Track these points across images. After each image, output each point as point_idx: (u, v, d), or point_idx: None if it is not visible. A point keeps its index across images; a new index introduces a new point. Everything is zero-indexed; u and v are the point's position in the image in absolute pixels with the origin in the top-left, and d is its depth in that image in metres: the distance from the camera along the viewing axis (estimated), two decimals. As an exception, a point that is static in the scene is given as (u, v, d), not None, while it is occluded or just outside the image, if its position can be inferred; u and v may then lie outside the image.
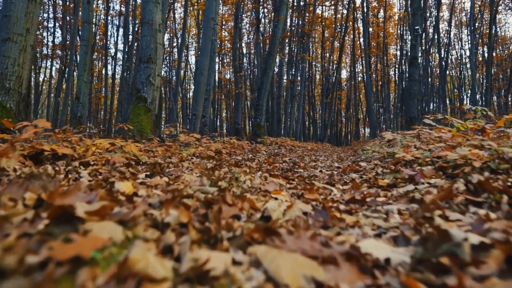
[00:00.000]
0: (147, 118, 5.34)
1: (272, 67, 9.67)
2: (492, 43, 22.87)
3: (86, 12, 8.65)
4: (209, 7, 7.77)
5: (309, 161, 5.55)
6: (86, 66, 8.86)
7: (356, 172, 2.97)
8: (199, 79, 8.05)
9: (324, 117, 26.27)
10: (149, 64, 5.33)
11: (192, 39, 33.22)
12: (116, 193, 1.14)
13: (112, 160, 2.20)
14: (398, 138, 4.44)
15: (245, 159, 4.65)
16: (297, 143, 12.28)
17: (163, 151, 3.76)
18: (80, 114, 9.03)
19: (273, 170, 3.08)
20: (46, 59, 27.16)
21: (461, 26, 33.97)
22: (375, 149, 6.30)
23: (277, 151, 7.49)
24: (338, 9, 26.85)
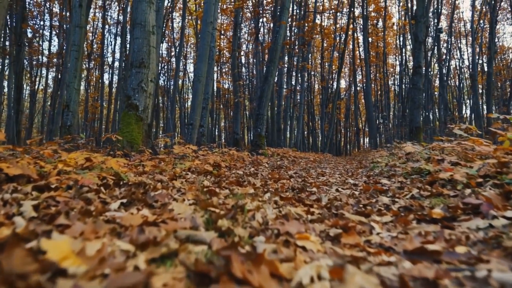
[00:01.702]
0: (139, 127, 4.86)
1: (273, 74, 9.24)
2: (493, 52, 22.66)
3: (77, 16, 8.23)
4: (207, 11, 7.36)
5: (316, 174, 5.07)
6: (77, 73, 8.40)
7: (382, 192, 2.48)
8: (197, 86, 7.60)
9: (324, 127, 25.85)
10: (141, 68, 4.87)
11: (190, 48, 32.96)
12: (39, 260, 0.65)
13: (81, 181, 1.72)
14: (417, 150, 3.97)
15: (247, 174, 4.16)
16: (298, 153, 11.80)
17: (153, 165, 3.26)
18: (70, 123, 8.53)
19: (282, 190, 2.59)
20: (41, 68, 26.72)
21: (460, 36, 33.86)
22: (384, 160, 5.82)
23: (280, 163, 7.00)
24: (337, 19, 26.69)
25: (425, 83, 25.98)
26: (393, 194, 2.30)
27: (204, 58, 7.57)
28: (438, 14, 25.27)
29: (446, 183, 2.25)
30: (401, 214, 1.59)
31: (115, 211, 1.35)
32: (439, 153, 3.78)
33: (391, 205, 1.86)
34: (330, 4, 28.15)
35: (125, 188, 1.91)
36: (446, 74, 27.37)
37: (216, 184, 2.87)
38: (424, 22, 13.13)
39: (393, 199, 2.09)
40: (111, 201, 1.53)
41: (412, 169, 3.07)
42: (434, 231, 1.25)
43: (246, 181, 3.18)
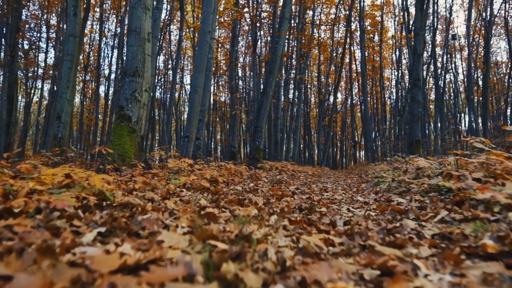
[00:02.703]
0: (131, 140, 4.57)
1: (272, 85, 9.02)
2: (488, 66, 22.75)
3: (71, 25, 8.00)
4: (205, 20, 7.16)
5: (319, 190, 4.78)
6: (70, 83, 8.14)
7: (401, 213, 2.20)
8: (194, 97, 7.35)
9: (321, 140, 25.65)
10: (135, 77, 4.61)
11: (187, 61, 32.90)
12: None
13: (53, 203, 1.43)
14: (427, 164, 3.70)
15: (246, 190, 3.87)
16: (297, 167, 11.52)
17: (144, 182, 2.97)
18: (61, 135, 8.21)
19: (288, 211, 2.30)
20: (36, 80, 26.42)
21: (454, 51, 34.11)
22: (390, 175, 5.55)
23: (279, 178, 6.72)
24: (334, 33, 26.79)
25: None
26: (416, 216, 2.02)
27: (202, 68, 7.34)
28: (434, 29, 25.45)
29: (478, 203, 1.99)
30: (441, 245, 1.30)
31: (88, 245, 1.06)
32: (453, 168, 3.52)
33: (422, 231, 1.58)
34: (327, 18, 28.30)
35: (108, 211, 1.62)
36: (442, 87, 27.43)
37: (214, 203, 2.57)
38: (422, 35, 13.10)
39: (419, 223, 1.81)
40: (86, 230, 1.24)
41: (429, 186, 2.80)
42: (499, 272, 0.97)
43: (246, 199, 2.89)
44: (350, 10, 21.64)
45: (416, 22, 12.92)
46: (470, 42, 25.58)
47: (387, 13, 30.81)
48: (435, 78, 27.15)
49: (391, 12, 31.01)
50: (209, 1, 7.21)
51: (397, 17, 30.72)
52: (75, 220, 1.31)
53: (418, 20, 12.73)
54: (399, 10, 30.34)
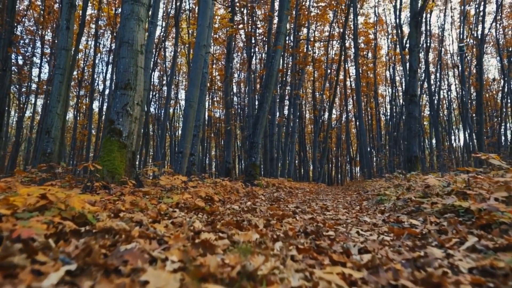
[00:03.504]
0: (121, 155, 4.32)
1: (268, 100, 8.86)
2: (482, 82, 22.96)
3: (64, 39, 7.84)
4: (200, 34, 7.03)
5: (320, 209, 4.55)
6: (61, 97, 7.91)
7: (420, 238, 1.98)
8: (188, 112, 7.14)
9: (317, 156, 25.48)
10: (126, 90, 4.39)
11: (182, 77, 32.88)
12: None
13: (16, 232, 1.18)
14: (437, 182, 3.50)
15: (244, 209, 3.62)
16: (294, 184, 11.28)
17: (133, 201, 2.71)
18: (51, 150, 7.93)
19: (293, 235, 2.06)
20: (29, 95, 26.13)
21: (447, 69, 34.52)
22: (393, 193, 5.34)
23: (277, 195, 6.46)
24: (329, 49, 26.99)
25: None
26: (439, 242, 1.79)
27: (196, 82, 7.17)
28: (427, 47, 25.78)
29: (509, 228, 1.77)
30: (488, 285, 1.08)
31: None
32: (463, 186, 3.31)
33: (454, 263, 1.35)
34: (321, 36, 28.58)
35: (86, 239, 1.37)
36: (436, 104, 27.62)
37: (209, 225, 2.33)
38: (417, 52, 13.14)
39: (446, 252, 1.58)
40: (51, 268, 0.99)
41: (444, 206, 2.59)
42: None
43: (245, 220, 2.65)
44: (344, 28, 21.84)
45: (411, 39, 12.99)
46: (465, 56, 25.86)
47: (380, 31, 31.24)
48: (429, 95, 27.34)
49: (384, 30, 31.43)
50: (204, 15, 7.09)
51: (390, 35, 31.13)
52: (40, 255, 1.06)
53: (413, 37, 12.80)
54: (392, 28, 30.81)
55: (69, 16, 7.85)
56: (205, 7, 7.04)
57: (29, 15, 23.64)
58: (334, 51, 29.21)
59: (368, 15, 29.87)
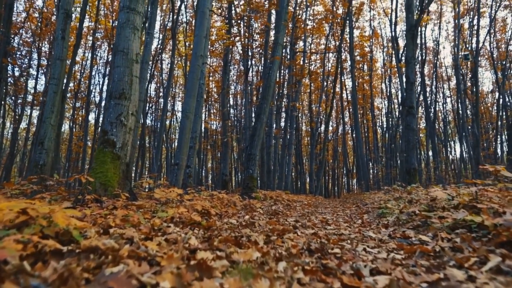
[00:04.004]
0: (115, 167, 4.16)
1: (266, 112, 8.76)
2: (478, 95, 23.09)
3: (59, 49, 7.73)
4: (197, 44, 6.96)
5: (320, 223, 4.39)
6: (55, 108, 7.77)
7: (434, 257, 1.83)
8: (184, 123, 7.01)
9: (314, 169, 25.33)
10: (121, 100, 4.26)
11: (179, 89, 32.87)
12: None
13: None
14: (444, 195, 3.36)
15: (242, 224, 3.46)
16: (291, 196, 11.11)
17: (122, 219, 2.55)
18: (43, 162, 7.75)
19: (297, 253, 1.91)
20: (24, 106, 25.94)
21: (442, 81, 34.79)
22: (395, 206, 5.19)
23: (275, 208, 6.30)
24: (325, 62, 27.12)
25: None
26: (457, 262, 1.65)
27: (193, 93, 7.06)
28: (423, 60, 25.98)
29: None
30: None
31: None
32: (470, 199, 3.18)
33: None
34: (317, 48, 28.76)
35: (67, 261, 1.21)
36: (433, 116, 27.73)
37: (206, 242, 2.17)
38: (414, 64, 13.17)
39: (467, 273, 1.43)
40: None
41: (455, 220, 2.45)
42: None
43: (244, 236, 2.49)
44: (341, 40, 21.99)
45: (407, 51, 13.03)
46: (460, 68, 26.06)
47: (376, 44, 31.51)
48: (425, 107, 27.49)
49: (380, 43, 31.72)
50: (201, 25, 7.04)
51: (385, 48, 31.40)
52: (7, 283, 0.91)
53: (409, 49, 12.84)
54: (387, 41, 31.11)
55: (64, 26, 7.77)
56: (202, 17, 6.99)
57: (26, 27, 23.63)
58: (330, 63, 29.37)
59: (363, 28, 30.18)
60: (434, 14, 27.67)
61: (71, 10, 7.93)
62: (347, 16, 21.85)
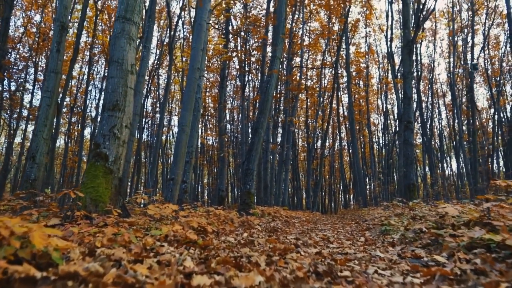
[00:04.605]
0: (107, 182, 3.97)
1: (264, 126, 8.62)
2: (474, 110, 23.20)
3: (54, 61, 7.61)
4: (194, 57, 6.87)
5: (322, 241, 4.19)
6: (48, 121, 7.58)
7: (458, 281, 1.65)
8: (181, 137, 6.85)
9: (311, 184, 25.11)
10: (114, 112, 4.10)
11: (175, 104, 32.83)
12: None
13: None
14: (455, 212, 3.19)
15: (241, 242, 3.26)
16: (289, 212, 10.87)
17: (115, 234, 2.35)
18: (34, 177, 7.51)
19: (304, 276, 1.72)
20: (19, 121, 25.68)
21: (437, 97, 35.03)
22: (398, 223, 5.01)
23: (274, 225, 6.09)
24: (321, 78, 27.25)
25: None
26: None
27: (190, 106, 6.92)
28: (418, 76, 26.16)
29: None
30: None
31: None
32: (482, 215, 3.01)
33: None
34: (313, 64, 28.93)
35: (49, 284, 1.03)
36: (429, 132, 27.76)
37: (203, 263, 1.98)
38: (411, 79, 13.19)
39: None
40: None
41: (471, 239, 2.28)
42: None
43: (243, 257, 2.30)
44: (337, 56, 22.14)
45: (404, 66, 13.06)
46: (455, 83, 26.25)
47: (371, 60, 31.80)
48: (421, 123, 27.53)
49: (375, 60, 32.01)
50: (199, 38, 6.96)
51: (381, 64, 31.68)
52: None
53: (406, 64, 12.87)
54: (383, 58, 31.42)
55: (60, 39, 7.66)
56: (200, 30, 6.92)
57: (23, 42, 23.63)
58: (326, 79, 29.53)
59: (359, 45, 30.50)
60: (428, 31, 28.05)
61: (66, 23, 7.84)
62: (343, 33, 22.08)
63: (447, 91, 31.98)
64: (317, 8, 20.54)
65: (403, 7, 12.81)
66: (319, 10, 20.91)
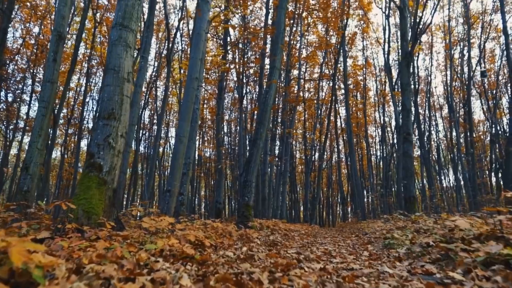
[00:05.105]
0: (100, 193, 3.81)
1: (263, 137, 8.50)
2: (471, 122, 23.22)
3: (50, 71, 7.50)
4: (193, 66, 6.78)
5: (324, 255, 4.03)
6: (43, 131, 7.43)
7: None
8: (178, 147, 6.71)
9: (309, 197, 24.89)
10: (110, 120, 3.97)
11: (173, 116, 32.75)
12: None
13: None
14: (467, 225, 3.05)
15: (241, 257, 3.10)
16: (288, 225, 10.67)
17: (105, 249, 2.19)
18: (27, 188, 7.30)
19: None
20: (15, 132, 25.46)
21: (434, 110, 35.15)
22: (402, 236, 4.85)
23: (273, 239, 5.91)
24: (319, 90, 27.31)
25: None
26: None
27: (187, 116, 6.81)
28: (416, 90, 26.25)
29: None
30: None
31: None
32: (493, 228, 2.88)
33: None
34: (310, 77, 29.04)
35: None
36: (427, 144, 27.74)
37: (201, 281, 1.82)
38: (410, 90, 13.17)
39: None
40: None
41: (488, 254, 2.14)
42: None
43: (244, 273, 2.14)
44: (335, 69, 22.23)
45: (403, 78, 13.06)
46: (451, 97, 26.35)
47: (368, 73, 31.97)
48: (419, 135, 27.51)
49: (372, 73, 32.19)
50: (197, 48, 6.90)
51: (378, 77, 31.85)
52: None
53: (404, 76, 12.87)
54: (379, 71, 31.61)
55: (56, 48, 7.57)
56: (198, 39, 6.86)
57: (22, 53, 23.61)
58: (324, 92, 29.60)
59: (356, 58, 30.71)
60: (425, 44, 28.31)
61: (64, 32, 7.77)
62: (340, 46, 22.20)
63: (444, 104, 32.14)
64: (314, 21, 20.69)
65: (401, 20, 12.89)
66: (317, 23, 21.06)
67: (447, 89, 26.37)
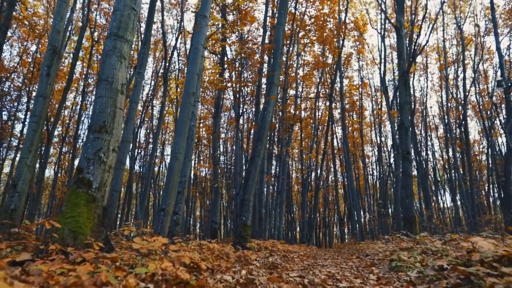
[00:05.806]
0: (89, 211, 3.54)
1: (261, 155, 8.27)
2: (468, 142, 23.19)
3: (43, 85, 7.31)
4: (189, 81, 6.63)
5: (329, 279, 3.75)
6: (33, 147, 7.17)
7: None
8: (173, 164, 6.46)
9: (307, 217, 24.47)
10: (101, 134, 3.75)
11: (168, 135, 32.54)
12: None
13: None
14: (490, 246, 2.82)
15: (240, 282, 2.82)
16: (287, 246, 10.32)
17: (90, 274, 1.93)
18: (14, 207, 6.98)
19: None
20: (8, 150, 25.06)
21: (430, 130, 35.24)
22: (413, 260, 4.58)
23: (272, 260, 5.60)
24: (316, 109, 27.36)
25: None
26: None
27: (183, 132, 6.60)
28: (412, 110, 26.35)
29: None
30: None
31: None
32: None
33: None
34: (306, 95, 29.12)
35: None
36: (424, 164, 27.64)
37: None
38: (408, 109, 13.11)
39: None
40: None
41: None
42: None
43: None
44: (332, 89, 22.31)
45: (401, 97, 13.04)
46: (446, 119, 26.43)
47: (365, 93, 32.17)
48: (416, 155, 27.42)
49: (368, 93, 32.41)
50: (194, 62, 6.77)
51: (374, 97, 32.04)
52: None
53: (402, 95, 12.84)
54: (375, 91, 31.84)
55: (50, 62, 7.42)
56: (196, 54, 6.74)
57: (18, 71, 23.51)
58: (320, 112, 29.62)
59: (352, 78, 30.97)
60: (419, 65, 28.64)
61: (58, 47, 7.63)
62: (336, 66, 22.35)
63: (439, 124, 32.25)
64: (311, 41, 20.88)
65: (398, 39, 12.95)
66: (314, 42, 21.26)
67: (442, 109, 26.51)
